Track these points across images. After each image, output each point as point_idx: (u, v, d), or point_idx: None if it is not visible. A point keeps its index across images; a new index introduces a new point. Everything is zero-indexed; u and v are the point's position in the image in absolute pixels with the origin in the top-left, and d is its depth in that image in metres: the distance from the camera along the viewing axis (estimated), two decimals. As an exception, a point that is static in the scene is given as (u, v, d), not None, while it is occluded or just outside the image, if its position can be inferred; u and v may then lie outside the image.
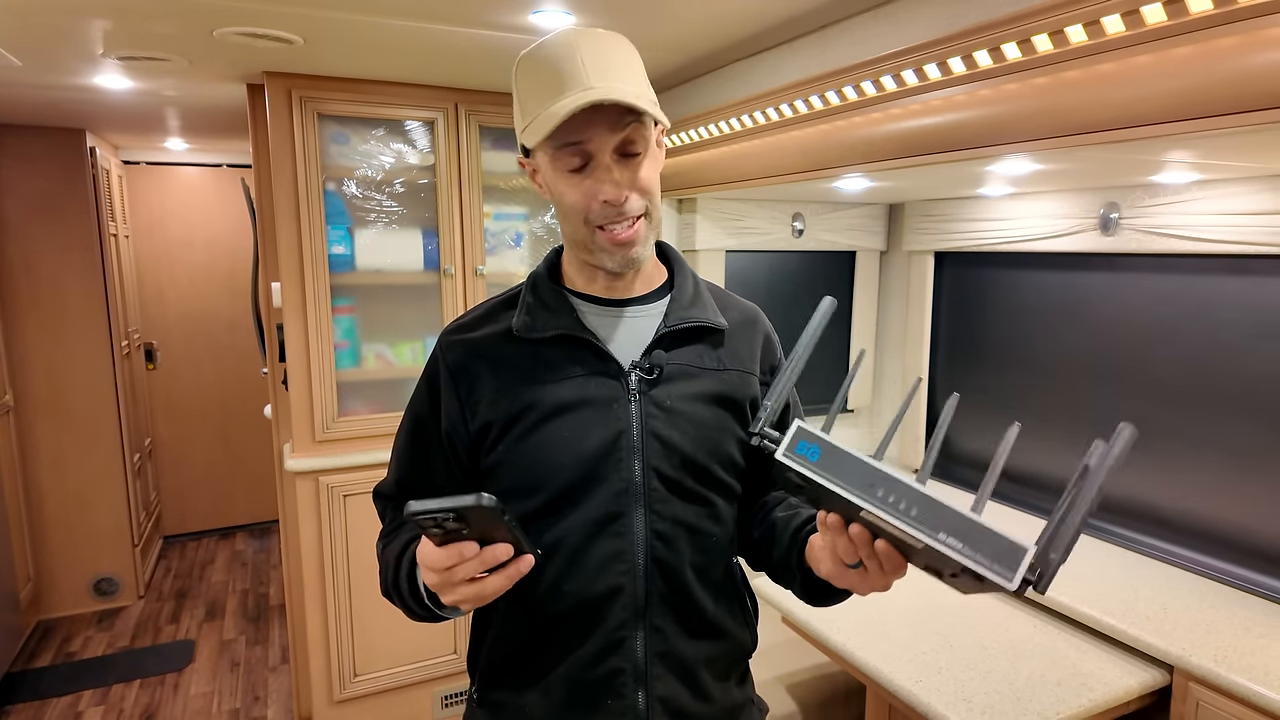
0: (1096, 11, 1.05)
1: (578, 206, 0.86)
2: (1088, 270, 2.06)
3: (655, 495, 0.89)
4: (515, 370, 0.90)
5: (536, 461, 0.88)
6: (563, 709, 0.90)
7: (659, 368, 0.90)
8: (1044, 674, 1.48)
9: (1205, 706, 1.41)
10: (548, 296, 0.93)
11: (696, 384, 0.92)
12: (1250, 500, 1.73)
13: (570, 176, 0.85)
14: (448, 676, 2.60)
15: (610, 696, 0.89)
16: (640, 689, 0.89)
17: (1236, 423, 1.74)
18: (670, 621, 0.90)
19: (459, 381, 0.92)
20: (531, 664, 0.91)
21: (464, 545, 0.70)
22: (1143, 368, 1.93)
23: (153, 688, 2.87)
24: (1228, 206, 1.65)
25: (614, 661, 0.89)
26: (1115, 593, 1.70)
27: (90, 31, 1.79)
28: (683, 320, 0.93)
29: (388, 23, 1.71)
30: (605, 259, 0.88)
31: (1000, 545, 0.65)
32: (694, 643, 0.92)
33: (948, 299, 2.54)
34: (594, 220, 0.86)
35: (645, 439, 0.89)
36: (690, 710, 0.92)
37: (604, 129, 0.83)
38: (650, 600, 0.89)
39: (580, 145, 0.83)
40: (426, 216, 2.44)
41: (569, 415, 0.88)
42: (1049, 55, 1.15)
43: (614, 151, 0.84)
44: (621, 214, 0.85)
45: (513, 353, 0.91)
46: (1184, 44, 0.99)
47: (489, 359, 0.92)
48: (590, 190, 0.85)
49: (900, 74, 1.40)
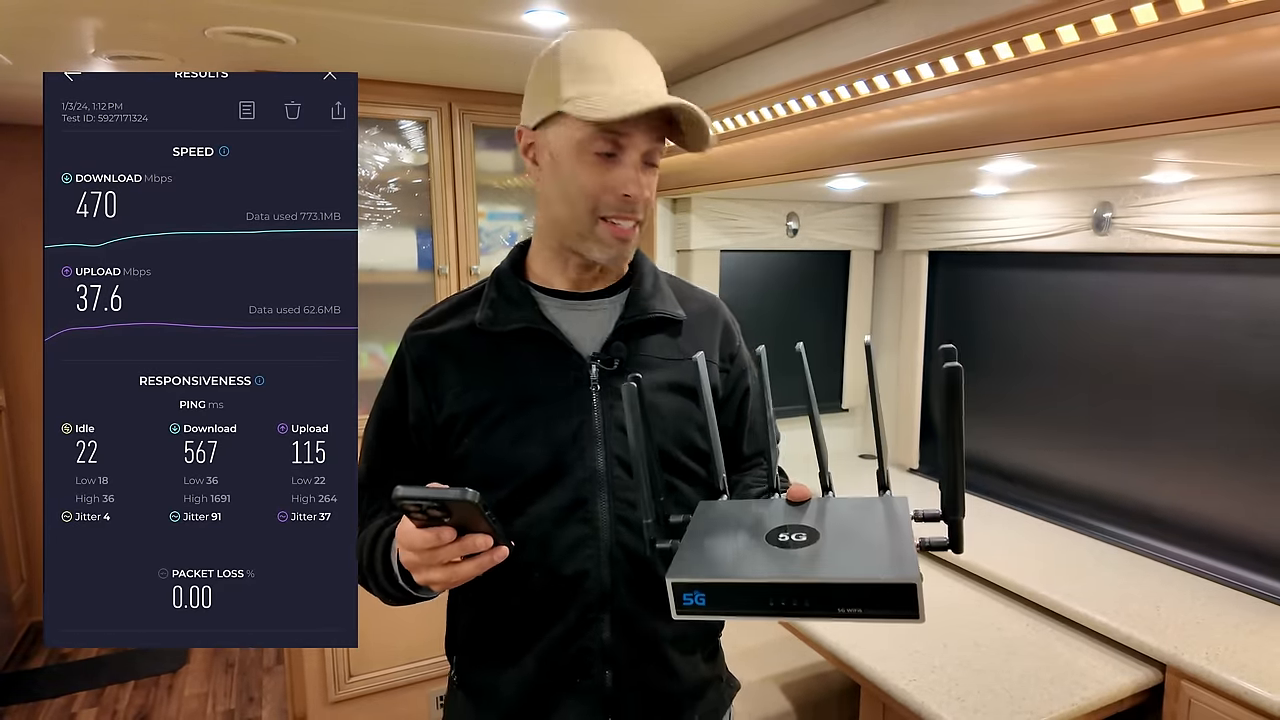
0: (1088, 12, 1.05)
1: (592, 192, 0.87)
2: (1081, 270, 2.06)
3: (619, 483, 0.92)
4: (480, 364, 0.93)
5: (503, 453, 0.91)
6: (535, 688, 0.93)
7: (618, 359, 0.93)
8: (1037, 672, 1.48)
9: (1198, 705, 1.42)
10: (511, 291, 0.96)
11: (657, 374, 0.94)
12: (1243, 498, 1.74)
13: (596, 162, 0.86)
14: (442, 677, 2.59)
15: (579, 675, 0.92)
16: (608, 668, 0.93)
17: (1230, 421, 1.75)
18: (636, 603, 0.93)
19: (424, 375, 0.94)
20: (505, 645, 0.94)
21: (443, 530, 0.73)
22: (1136, 366, 1.94)
23: (147, 689, 2.86)
24: (1220, 206, 1.66)
25: (583, 642, 0.92)
26: (1108, 591, 1.71)
27: (82, 30, 1.79)
28: (643, 312, 0.96)
29: (381, 22, 1.70)
30: (597, 250, 0.90)
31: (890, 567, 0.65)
32: (660, 622, 0.94)
33: (942, 298, 2.54)
34: (603, 210, 0.88)
35: (607, 428, 0.92)
36: (658, 687, 0.96)
37: (646, 131, 0.86)
38: (616, 583, 0.92)
39: (619, 137, 0.85)
40: (420, 216, 2.43)
41: (533, 407, 0.91)
42: (1041, 55, 1.15)
43: (643, 155, 0.87)
44: (633, 212, 0.88)
45: (477, 346, 0.94)
46: (1174, 44, 0.99)
47: (454, 353, 0.94)
48: (614, 180, 0.86)
49: (893, 74, 1.40)
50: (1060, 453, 2.17)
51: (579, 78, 0.86)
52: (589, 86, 0.85)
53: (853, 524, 0.74)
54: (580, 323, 0.95)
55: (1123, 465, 1.99)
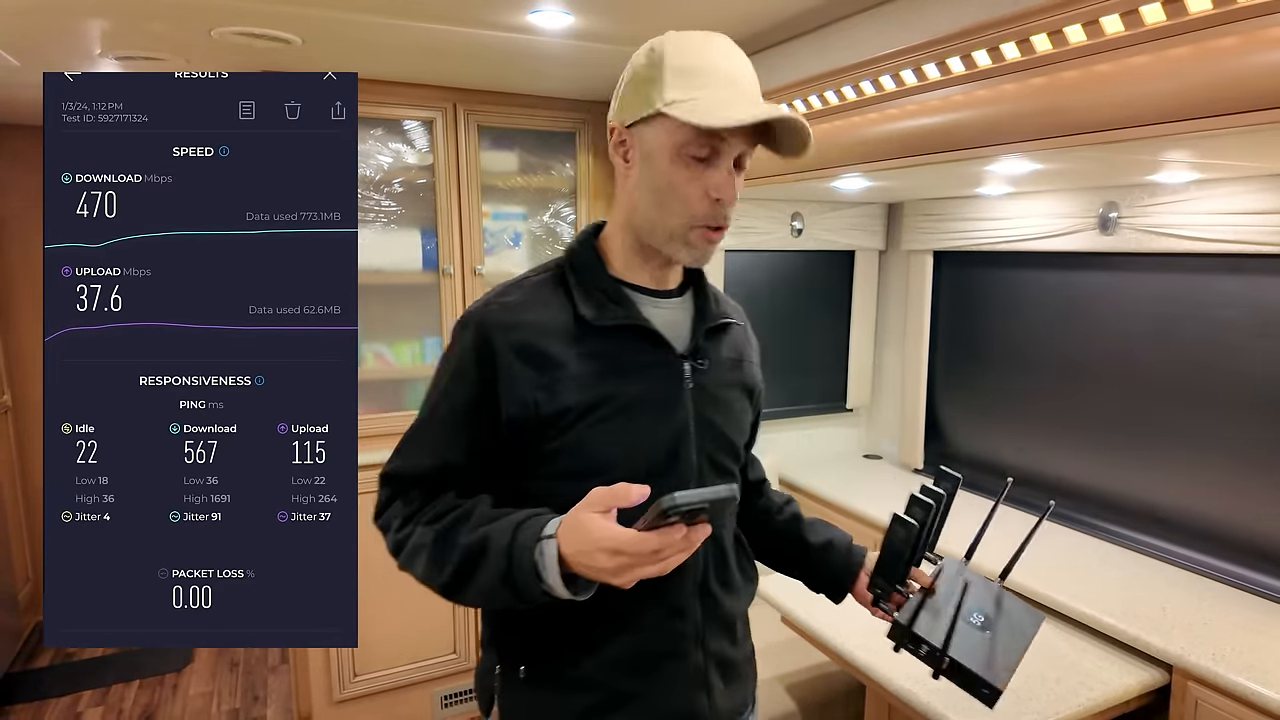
0: (1095, 11, 1.05)
1: (685, 194, 0.88)
2: (1086, 269, 2.06)
3: (707, 476, 0.97)
4: (591, 357, 0.91)
5: (609, 447, 0.91)
6: (627, 672, 0.95)
7: (706, 358, 0.97)
8: (1044, 673, 1.48)
9: (1204, 705, 1.42)
10: (604, 284, 0.95)
11: (728, 374, 1.01)
12: (1249, 499, 1.73)
13: (691, 166, 0.87)
14: (447, 677, 2.60)
15: (672, 658, 0.96)
16: (699, 649, 0.98)
17: (1236, 421, 1.74)
18: (720, 586, 1.00)
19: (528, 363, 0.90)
20: (596, 635, 0.95)
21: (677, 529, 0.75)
22: (1141, 366, 1.93)
23: (152, 688, 2.86)
24: (1226, 206, 1.65)
25: (677, 626, 0.96)
26: (1114, 592, 1.70)
27: (88, 31, 1.79)
28: (716, 317, 1.01)
29: (386, 22, 1.70)
30: (684, 252, 0.92)
31: None
32: (732, 600, 1.03)
33: (947, 298, 2.54)
34: (694, 212, 0.88)
35: (700, 425, 0.96)
36: (731, 658, 1.03)
37: (742, 138, 0.87)
38: (707, 570, 0.98)
39: (718, 142, 0.86)
40: (425, 216, 2.43)
41: (640, 403, 0.92)
42: (1047, 55, 1.15)
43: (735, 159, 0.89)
44: (724, 217, 0.90)
45: (585, 339, 0.92)
46: (1182, 44, 0.99)
47: (563, 344, 0.91)
48: (710, 184, 0.87)
49: (899, 74, 1.40)
50: (1064, 453, 2.16)
51: (681, 81, 0.86)
52: (692, 90, 0.85)
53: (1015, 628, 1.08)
54: (666, 319, 0.97)
55: (1127, 465, 1.99)
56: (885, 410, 2.84)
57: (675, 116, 0.84)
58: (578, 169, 2.63)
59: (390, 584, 2.44)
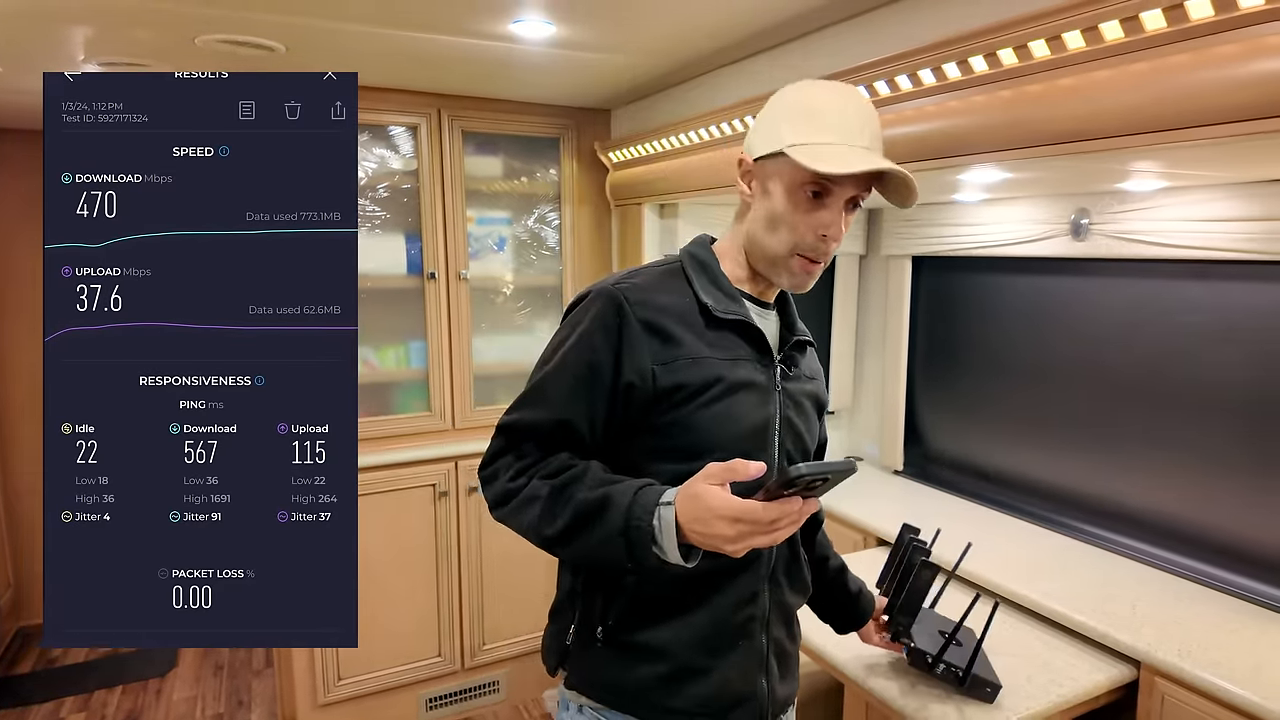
0: (1059, 28, 1.08)
1: (797, 229, 0.96)
2: (1060, 274, 2.10)
3: None
4: (710, 342, 0.99)
5: (712, 428, 0.97)
6: (701, 647, 1.02)
7: (794, 365, 1.08)
8: (1016, 670, 1.51)
9: (1170, 700, 1.45)
10: (722, 283, 1.04)
11: (806, 384, 1.10)
12: (1216, 499, 1.78)
13: (805, 201, 0.95)
14: (433, 679, 2.61)
15: (743, 638, 1.04)
16: (764, 632, 1.06)
17: (1203, 423, 1.79)
18: (784, 577, 1.09)
19: (655, 337, 0.97)
20: (673, 606, 1.01)
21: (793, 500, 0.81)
22: (1113, 369, 1.98)
23: (135, 693, 2.86)
24: (1193, 214, 1.70)
25: (749, 610, 1.04)
26: (1086, 590, 1.74)
27: (72, 38, 1.80)
28: (799, 333, 1.10)
29: (371, 30, 1.72)
30: (785, 278, 1.01)
31: None
32: (795, 595, 1.12)
33: (925, 302, 2.58)
34: (801, 245, 0.97)
35: (783, 424, 1.04)
36: (787, 649, 1.12)
37: (854, 184, 0.95)
38: (777, 561, 1.07)
39: (831, 185, 0.94)
40: (410, 221, 2.45)
41: (742, 393, 0.99)
42: (1013, 69, 1.19)
43: (847, 200, 0.96)
44: (826, 251, 0.98)
45: (708, 325, 1.00)
46: (1141, 60, 1.02)
47: (687, 325, 0.99)
48: (819, 222, 0.96)
49: (873, 84, 1.44)
50: (1038, 453, 2.20)
51: (807, 125, 0.94)
52: (815, 135, 0.93)
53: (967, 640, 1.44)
54: (765, 327, 1.06)
55: (1099, 465, 2.03)
56: (866, 413, 2.88)
57: (795, 159, 0.92)
58: (561, 174, 2.65)
59: (376, 586, 2.45)
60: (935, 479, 2.56)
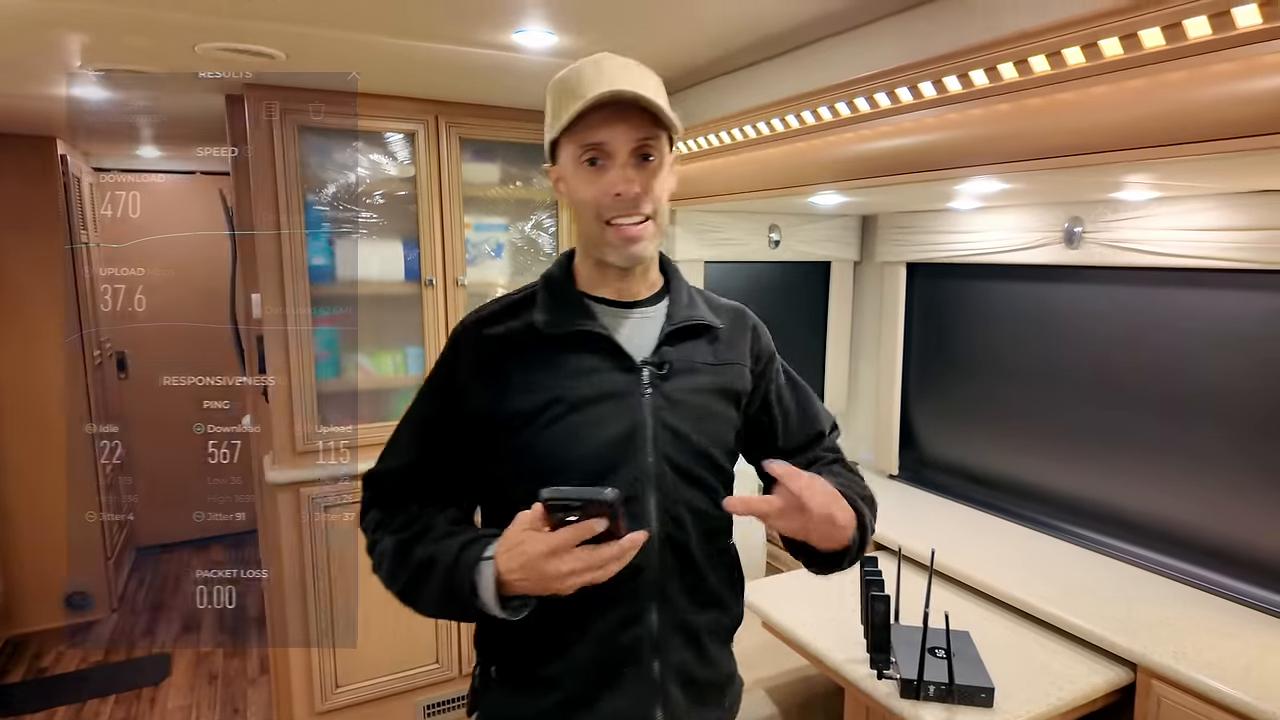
0: (1058, 44, 1.10)
1: (591, 200, 0.93)
2: (1053, 281, 2.13)
3: (666, 481, 0.98)
4: (541, 364, 0.97)
5: (559, 450, 0.95)
6: (586, 677, 0.98)
7: (668, 364, 0.99)
8: (1015, 674, 1.53)
9: (1166, 702, 1.48)
10: (566, 296, 1.01)
11: (698, 378, 1.01)
12: (1210, 503, 1.81)
13: (589, 173, 0.93)
14: (430, 686, 2.60)
15: (630, 664, 0.98)
16: (656, 658, 0.98)
17: (1196, 428, 1.81)
18: (681, 594, 1.00)
19: (486, 371, 0.98)
20: (556, 637, 0.98)
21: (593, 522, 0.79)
22: (1107, 375, 2.00)
23: (128, 703, 2.83)
24: (1185, 223, 1.73)
25: (634, 632, 0.97)
26: (1082, 594, 1.76)
27: (68, 45, 1.79)
28: (686, 319, 1.02)
29: (371, 39, 1.72)
30: (612, 254, 0.96)
31: None
32: (701, 613, 1.02)
33: (919, 308, 2.60)
34: (605, 214, 0.93)
35: (658, 429, 0.97)
36: (697, 676, 1.02)
37: (625, 130, 0.91)
38: (665, 576, 0.98)
39: (601, 145, 0.91)
40: (407, 227, 2.45)
41: (591, 408, 0.95)
42: (1013, 83, 1.20)
43: (632, 154, 0.92)
44: (632, 209, 0.93)
45: (538, 347, 0.98)
46: (1138, 76, 1.04)
47: (516, 351, 0.98)
48: (606, 185, 0.92)
49: (874, 96, 1.45)
50: (1033, 458, 2.23)
51: (561, 102, 0.92)
52: (563, 110, 0.91)
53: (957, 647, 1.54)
54: (629, 329, 1.01)
55: (1095, 471, 2.06)
56: (861, 418, 2.90)
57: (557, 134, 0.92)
58: (559, 181, 2.65)
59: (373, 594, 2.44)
60: (930, 483, 2.58)
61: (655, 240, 0.98)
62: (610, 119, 0.89)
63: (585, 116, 0.89)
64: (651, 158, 0.93)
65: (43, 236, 3.20)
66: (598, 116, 0.89)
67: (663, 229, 0.98)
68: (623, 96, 0.87)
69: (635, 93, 0.87)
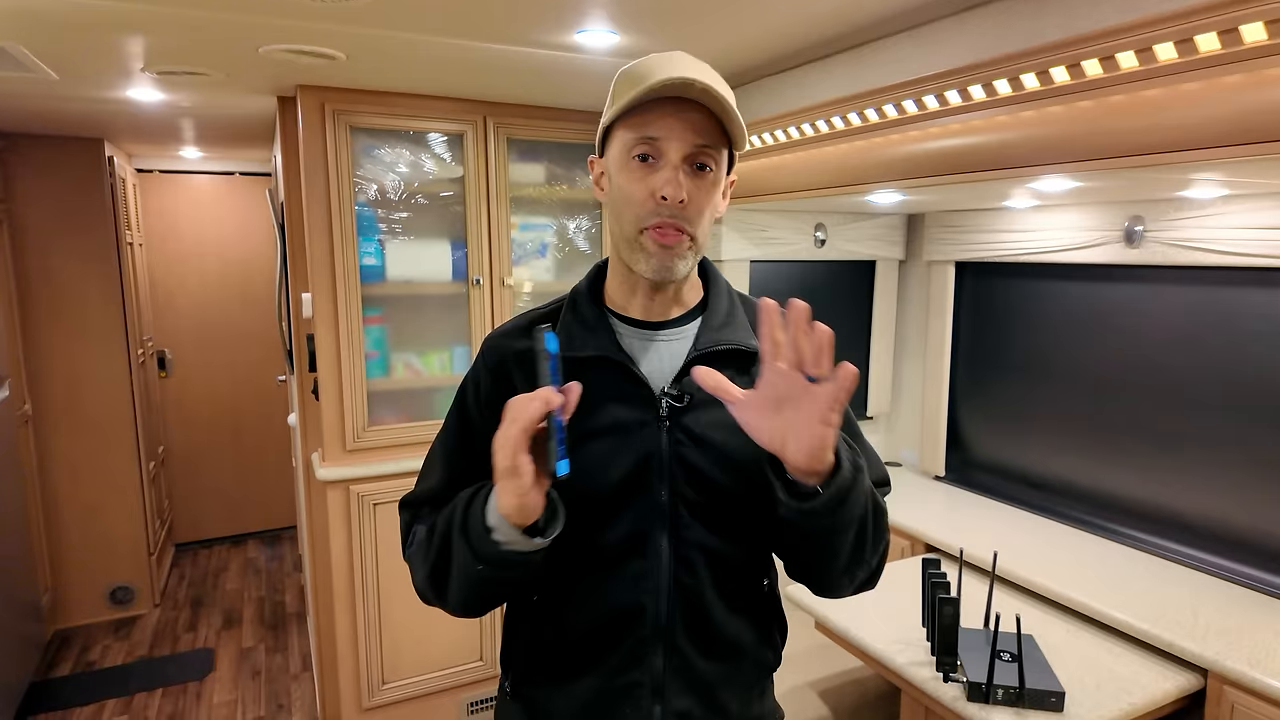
0: (1149, 39, 1.09)
1: (635, 199, 0.86)
2: (1110, 281, 2.10)
3: (680, 520, 0.90)
4: None
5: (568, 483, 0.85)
6: (584, 713, 0.93)
7: (688, 394, 0.90)
8: (1082, 678, 1.52)
9: (1240, 709, 1.45)
10: (588, 314, 0.94)
11: (718, 413, 0.86)
12: (1273, 507, 1.77)
13: (637, 169, 0.86)
14: (474, 683, 2.61)
15: (629, 706, 0.92)
16: (657, 703, 0.92)
17: (1261, 430, 1.78)
18: (689, 643, 0.92)
19: (504, 387, 0.91)
20: (560, 667, 0.94)
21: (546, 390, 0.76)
22: (1166, 377, 1.97)
23: (175, 696, 2.87)
24: (1254, 221, 1.70)
25: (634, 674, 0.92)
26: (1145, 598, 1.74)
27: (131, 47, 1.81)
28: (713, 344, 0.92)
29: (432, 40, 1.73)
30: (643, 262, 0.88)
31: None
32: (713, 664, 0.93)
33: (967, 308, 2.58)
34: (643, 215, 0.86)
35: (672, 465, 0.90)
36: None
37: (684, 129, 0.84)
38: (673, 619, 0.91)
39: (656, 141, 0.84)
40: (454, 228, 2.46)
41: (601, 437, 0.89)
42: (1097, 80, 1.19)
43: (686, 159, 0.85)
44: (674, 215, 0.85)
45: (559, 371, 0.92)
46: (1235, 72, 1.03)
47: (527, 371, 0.90)
48: (652, 185, 0.85)
49: (944, 94, 1.44)
50: (1088, 461, 2.20)
51: (622, 88, 0.87)
52: (629, 91, 0.84)
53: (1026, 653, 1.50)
54: (654, 354, 0.93)
55: (1154, 474, 2.03)
56: (905, 418, 2.88)
57: (614, 121, 0.86)
58: (603, 180, 2.66)
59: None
60: (977, 485, 2.56)
61: (692, 259, 0.90)
62: (671, 114, 0.83)
63: (646, 106, 0.83)
64: (708, 169, 0.86)
65: (91, 237, 3.25)
66: (658, 109, 0.83)
67: (700, 249, 0.90)
68: (690, 85, 0.80)
69: (705, 83, 0.80)
